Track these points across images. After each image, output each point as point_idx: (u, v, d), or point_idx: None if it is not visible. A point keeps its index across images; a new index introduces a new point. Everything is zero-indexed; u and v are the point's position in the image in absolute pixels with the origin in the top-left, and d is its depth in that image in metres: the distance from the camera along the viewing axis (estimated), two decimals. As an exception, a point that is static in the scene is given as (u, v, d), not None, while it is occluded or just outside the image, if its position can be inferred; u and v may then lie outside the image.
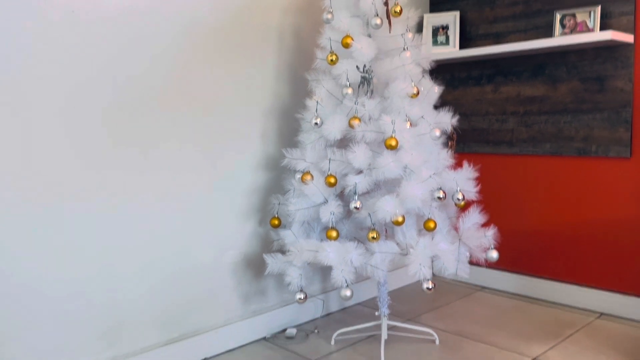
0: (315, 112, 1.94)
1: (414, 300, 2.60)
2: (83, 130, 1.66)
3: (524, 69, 2.50)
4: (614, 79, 2.23)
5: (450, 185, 1.87)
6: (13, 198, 1.52)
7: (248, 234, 2.14)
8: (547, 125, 2.44)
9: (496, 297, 2.61)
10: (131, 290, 1.80)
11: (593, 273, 2.39)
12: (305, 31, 2.29)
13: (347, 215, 1.99)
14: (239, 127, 2.08)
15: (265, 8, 2.13)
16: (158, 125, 1.84)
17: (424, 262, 1.75)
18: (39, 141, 1.57)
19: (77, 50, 1.63)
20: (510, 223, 2.64)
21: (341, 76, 1.91)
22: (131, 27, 1.75)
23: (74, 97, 1.63)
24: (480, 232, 1.88)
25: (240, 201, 2.10)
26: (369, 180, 1.82)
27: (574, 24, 2.26)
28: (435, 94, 1.99)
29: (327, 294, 2.44)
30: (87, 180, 1.67)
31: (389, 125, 1.79)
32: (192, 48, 1.91)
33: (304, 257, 1.83)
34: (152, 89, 1.81)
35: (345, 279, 1.75)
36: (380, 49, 1.96)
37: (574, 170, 2.40)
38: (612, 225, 2.31)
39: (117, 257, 1.76)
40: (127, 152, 1.76)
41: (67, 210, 1.63)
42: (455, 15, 2.66)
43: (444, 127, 1.96)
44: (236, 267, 2.10)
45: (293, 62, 2.26)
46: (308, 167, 1.93)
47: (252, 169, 2.14)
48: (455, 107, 2.76)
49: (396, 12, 1.90)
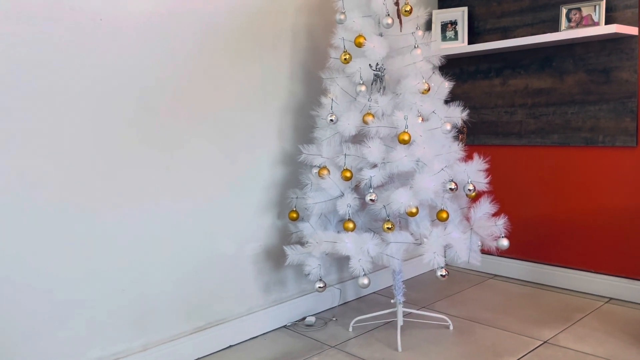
0: (331, 109, 2.02)
1: (428, 288, 2.68)
2: (112, 132, 1.76)
3: (531, 62, 2.57)
4: (620, 71, 2.29)
5: (461, 177, 1.95)
6: (49, 197, 1.63)
7: (267, 226, 2.23)
8: (554, 116, 2.51)
9: (507, 284, 2.70)
10: (159, 281, 1.90)
11: (601, 259, 2.47)
12: (318, 31, 2.38)
13: (362, 207, 2.07)
14: (257, 124, 2.17)
15: (279, 10, 2.22)
16: (182, 126, 1.93)
17: (438, 250, 1.84)
18: (71, 144, 1.67)
19: (106, 57, 1.73)
20: (520, 212, 2.71)
21: (355, 74, 1.99)
22: (155, 33, 1.84)
23: (104, 101, 1.73)
24: (491, 222, 1.96)
25: (259, 196, 2.19)
26: (383, 174, 1.90)
27: (580, 18, 2.32)
28: (445, 89, 2.07)
29: (343, 284, 2.53)
30: (118, 179, 1.77)
31: (401, 121, 1.87)
32: (211, 51, 2.00)
33: (322, 248, 1.92)
34: (176, 92, 1.91)
35: (363, 268, 1.84)
36: (392, 47, 2.04)
37: (582, 160, 2.46)
38: (620, 213, 2.38)
39: (146, 249, 1.86)
40: (155, 152, 1.86)
41: (99, 207, 1.74)
42: (463, 11, 2.73)
43: (454, 121, 2.04)
44: (257, 259, 2.20)
45: (306, 61, 2.34)
46: (324, 162, 2.02)
47: (270, 164, 2.23)
48: (465, 100, 2.83)
49: (406, 11, 1.98)
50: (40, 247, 1.62)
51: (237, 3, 2.07)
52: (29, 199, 1.59)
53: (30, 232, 1.60)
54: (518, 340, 2.03)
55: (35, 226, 1.60)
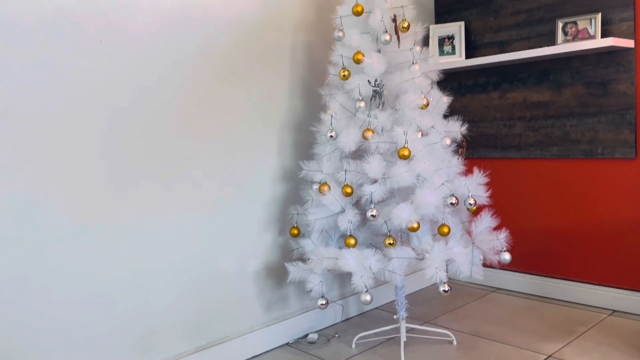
0: (330, 125, 2.03)
1: (430, 303, 2.67)
2: (114, 150, 1.76)
3: (529, 75, 2.58)
4: (617, 83, 2.31)
5: (462, 191, 1.95)
6: (49, 216, 1.63)
7: (268, 243, 2.23)
8: (553, 129, 2.52)
9: (510, 297, 2.68)
10: (160, 300, 1.89)
11: (604, 271, 2.46)
12: (317, 48, 2.39)
13: (363, 222, 2.07)
14: (257, 141, 2.17)
15: (278, 27, 2.23)
16: (183, 144, 1.93)
17: (440, 266, 1.83)
18: (73, 162, 1.67)
19: (107, 77, 1.74)
20: (521, 225, 2.71)
21: (354, 90, 2.00)
22: (156, 53, 1.85)
23: (108, 120, 1.74)
24: (492, 236, 1.96)
25: (260, 212, 2.19)
26: (384, 189, 1.90)
27: (576, 31, 2.34)
28: (444, 103, 2.08)
29: (345, 300, 2.52)
30: (119, 198, 1.77)
31: (401, 136, 1.87)
32: (210, 69, 2.01)
33: (324, 265, 1.91)
34: (177, 110, 1.92)
35: (365, 285, 1.83)
36: (390, 63, 2.05)
37: (582, 172, 2.47)
38: (621, 224, 2.38)
39: (147, 268, 1.85)
40: (157, 169, 1.86)
41: (99, 227, 1.73)
42: (460, 25, 2.75)
43: (453, 135, 2.05)
44: (258, 276, 2.19)
45: (305, 78, 2.35)
46: (325, 178, 2.02)
47: (271, 181, 2.23)
48: (464, 113, 2.84)
49: (404, 27, 1.99)
50: (39, 268, 1.61)
51: (236, 21, 2.09)
52: (29, 221, 1.59)
53: (30, 255, 1.59)
54: (522, 355, 2.02)
55: (34, 247, 1.60)
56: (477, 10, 2.75)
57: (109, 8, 1.74)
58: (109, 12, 1.74)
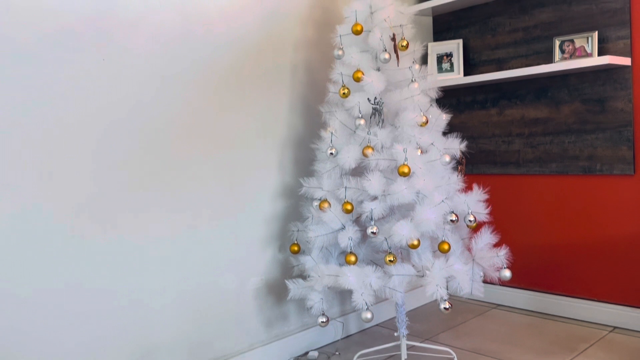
0: (330, 142, 2.04)
1: (431, 320, 2.66)
2: (115, 168, 1.77)
3: (527, 92, 2.60)
4: (614, 100, 2.33)
5: (461, 208, 1.96)
6: (48, 231, 1.63)
7: (269, 260, 2.23)
8: (552, 145, 2.53)
9: (511, 314, 2.68)
10: (160, 319, 1.89)
11: (604, 288, 2.46)
12: (317, 66, 2.41)
13: (363, 239, 2.07)
14: (257, 158, 2.19)
15: (278, 45, 2.26)
16: (184, 162, 1.95)
17: (440, 283, 1.83)
18: (73, 176, 1.68)
19: (109, 95, 1.75)
20: (521, 241, 2.71)
21: (353, 108, 2.02)
22: (156, 72, 1.87)
23: (109, 138, 1.75)
24: (492, 252, 1.96)
25: (260, 229, 2.20)
26: (384, 206, 1.91)
27: (573, 49, 2.37)
28: (443, 121, 2.10)
29: (346, 317, 2.51)
30: (119, 215, 1.78)
31: (400, 154, 1.88)
32: (212, 87, 2.03)
33: (324, 282, 1.91)
34: (178, 127, 1.93)
35: (366, 302, 1.83)
36: (390, 81, 2.07)
37: (581, 188, 2.48)
38: (621, 240, 2.38)
39: (146, 284, 1.85)
40: (157, 185, 1.87)
41: (99, 243, 1.74)
42: (458, 43, 2.78)
43: (453, 152, 2.06)
44: (258, 293, 2.19)
45: (306, 95, 2.37)
46: (325, 195, 2.03)
47: (271, 197, 2.24)
48: (463, 130, 2.86)
49: (403, 46, 2.01)
50: (37, 282, 1.61)
51: (237, 40, 2.11)
52: (27, 234, 1.59)
53: (28, 269, 1.59)
54: (524, 373, 2.01)
55: (33, 261, 1.60)
56: (475, 28, 2.78)
57: (112, 27, 1.76)
58: (113, 31, 1.76)
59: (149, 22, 1.85)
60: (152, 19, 1.86)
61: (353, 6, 2.05)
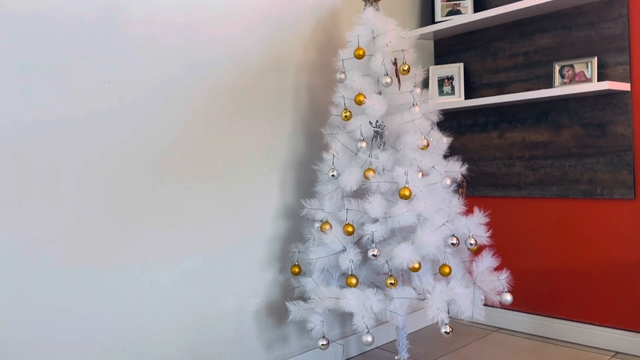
0: (332, 164, 2.06)
1: (432, 342, 2.65)
2: (118, 190, 1.78)
3: (527, 115, 2.63)
4: (614, 125, 2.35)
5: (462, 231, 1.96)
6: (50, 256, 1.64)
7: (269, 281, 2.23)
8: (552, 169, 2.55)
9: (512, 337, 2.66)
10: (161, 340, 1.88)
11: (606, 312, 2.44)
12: (319, 89, 2.44)
13: (364, 260, 2.07)
14: (260, 178, 2.20)
15: (282, 68, 2.29)
16: (187, 182, 1.96)
17: (441, 306, 1.83)
18: (75, 201, 1.69)
19: (113, 117, 1.77)
20: (522, 264, 2.71)
21: (355, 131, 2.03)
22: (160, 95, 1.90)
23: (111, 161, 1.77)
24: (493, 276, 1.96)
25: (261, 250, 2.20)
26: (385, 229, 1.92)
27: (573, 74, 2.39)
28: (444, 144, 2.11)
29: (346, 339, 2.50)
30: (121, 234, 1.79)
31: (402, 176, 1.90)
32: (215, 107, 2.05)
33: (325, 304, 1.91)
34: (181, 149, 1.95)
35: (367, 325, 1.83)
36: (391, 105, 2.09)
37: (582, 212, 2.48)
38: (622, 265, 2.38)
39: (147, 307, 1.85)
40: (159, 207, 1.88)
41: (100, 266, 1.74)
42: (459, 66, 2.81)
43: (454, 175, 2.07)
44: (259, 315, 2.18)
45: (308, 117, 2.39)
46: (326, 216, 2.04)
47: (273, 218, 2.25)
48: (464, 152, 2.87)
49: (404, 70, 2.04)
50: (41, 309, 1.61)
51: (241, 61, 2.14)
52: (30, 262, 1.60)
53: (31, 296, 1.60)
54: (525, 398, 1.99)
55: (35, 288, 1.61)
56: (476, 52, 2.81)
57: (117, 49, 1.79)
58: (118, 53, 1.79)
59: (154, 43, 1.88)
60: (157, 40, 1.89)
61: (356, 31, 2.08)
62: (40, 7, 1.62)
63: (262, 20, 2.21)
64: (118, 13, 1.79)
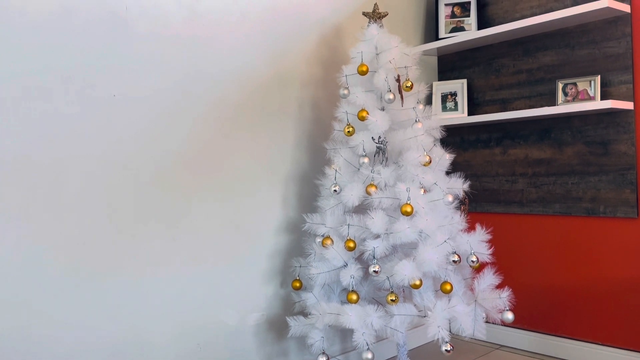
0: (334, 179, 2.06)
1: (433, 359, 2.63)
2: (120, 202, 1.79)
3: (530, 132, 2.63)
4: (617, 143, 2.34)
5: (464, 248, 1.96)
6: (50, 267, 1.64)
7: (270, 295, 2.22)
8: (555, 186, 2.54)
9: (514, 355, 2.64)
10: (161, 353, 1.87)
11: (608, 331, 2.42)
12: (322, 104, 2.45)
13: (365, 276, 2.07)
14: (262, 192, 2.20)
15: (286, 84, 2.30)
16: (189, 195, 1.96)
17: (442, 324, 1.82)
18: (78, 212, 1.70)
19: (118, 129, 1.79)
20: (524, 281, 2.69)
21: (358, 147, 2.04)
22: (165, 107, 1.91)
23: (114, 172, 1.77)
24: (495, 294, 1.95)
25: (263, 264, 2.20)
26: (387, 245, 1.91)
27: (576, 92, 2.40)
28: (446, 160, 2.12)
29: (346, 355, 2.48)
30: (123, 246, 1.79)
31: (404, 193, 1.90)
32: (220, 123, 2.06)
33: (325, 320, 1.90)
34: (184, 162, 1.96)
35: (367, 342, 1.82)
36: (394, 121, 2.10)
37: (584, 230, 2.47)
38: (625, 284, 2.36)
39: (147, 319, 1.85)
40: (161, 219, 1.88)
41: (101, 278, 1.74)
42: (462, 83, 2.82)
43: (456, 192, 2.07)
44: (259, 329, 2.17)
45: (311, 132, 2.40)
46: (328, 231, 2.04)
47: (274, 232, 2.25)
48: (466, 168, 2.87)
49: (407, 87, 2.05)
50: (42, 318, 1.61)
51: (245, 77, 2.15)
52: (32, 271, 1.60)
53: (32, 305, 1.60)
54: (526, 418, 1.97)
55: (37, 298, 1.61)
56: (479, 69, 2.83)
57: (123, 63, 1.80)
58: (124, 67, 1.81)
59: (159, 58, 1.90)
60: (163, 55, 1.91)
61: (359, 47, 2.10)
62: (51, 18, 1.64)
63: (266, 35, 2.23)
64: (124, 28, 1.81)
